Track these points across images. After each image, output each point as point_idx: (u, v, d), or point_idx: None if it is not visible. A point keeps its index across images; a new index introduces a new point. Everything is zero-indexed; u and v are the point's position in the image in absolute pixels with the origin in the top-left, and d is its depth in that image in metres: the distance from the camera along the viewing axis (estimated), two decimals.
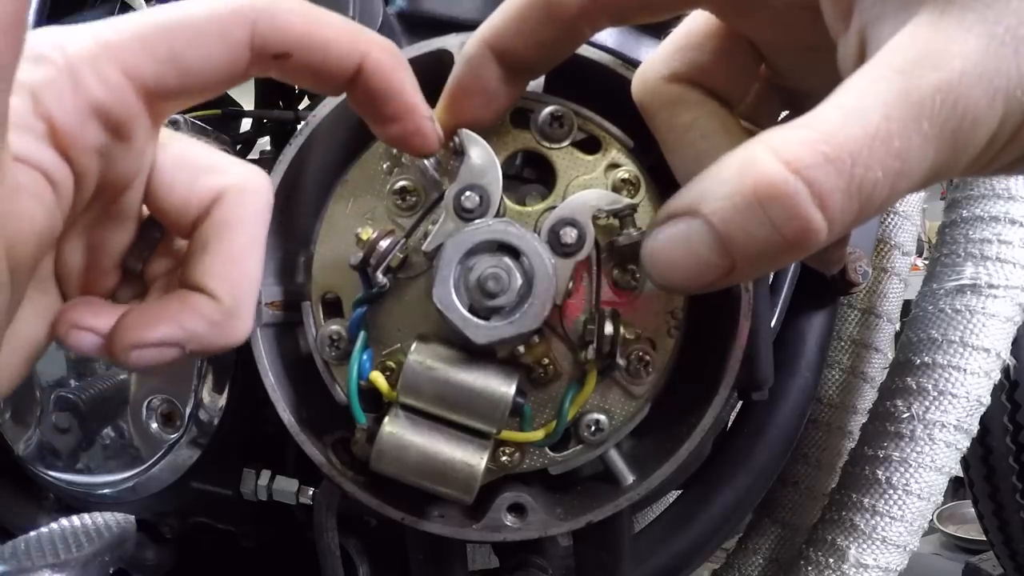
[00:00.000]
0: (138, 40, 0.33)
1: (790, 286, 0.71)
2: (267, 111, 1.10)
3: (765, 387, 0.59)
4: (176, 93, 0.35)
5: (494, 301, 0.45)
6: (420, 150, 0.42)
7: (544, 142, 0.50)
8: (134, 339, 0.36)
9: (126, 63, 0.33)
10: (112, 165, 0.35)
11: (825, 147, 0.29)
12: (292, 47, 0.35)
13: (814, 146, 0.29)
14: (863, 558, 0.67)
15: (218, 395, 0.63)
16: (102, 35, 0.33)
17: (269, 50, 0.35)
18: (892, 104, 0.29)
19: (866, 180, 0.29)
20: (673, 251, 0.34)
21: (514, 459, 0.51)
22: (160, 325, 0.36)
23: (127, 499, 0.66)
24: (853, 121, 0.29)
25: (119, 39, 0.33)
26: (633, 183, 0.50)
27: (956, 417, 0.66)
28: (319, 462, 0.51)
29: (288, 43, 0.35)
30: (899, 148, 0.29)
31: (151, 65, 0.33)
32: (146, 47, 0.33)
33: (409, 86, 0.40)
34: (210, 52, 0.34)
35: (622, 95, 0.51)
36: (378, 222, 0.50)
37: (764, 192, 0.30)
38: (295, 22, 0.35)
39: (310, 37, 0.36)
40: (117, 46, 0.33)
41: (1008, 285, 0.66)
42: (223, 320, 0.37)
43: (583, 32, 0.42)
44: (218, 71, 0.35)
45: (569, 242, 0.46)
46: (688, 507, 0.73)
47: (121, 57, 0.33)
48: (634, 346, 0.50)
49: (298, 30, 0.35)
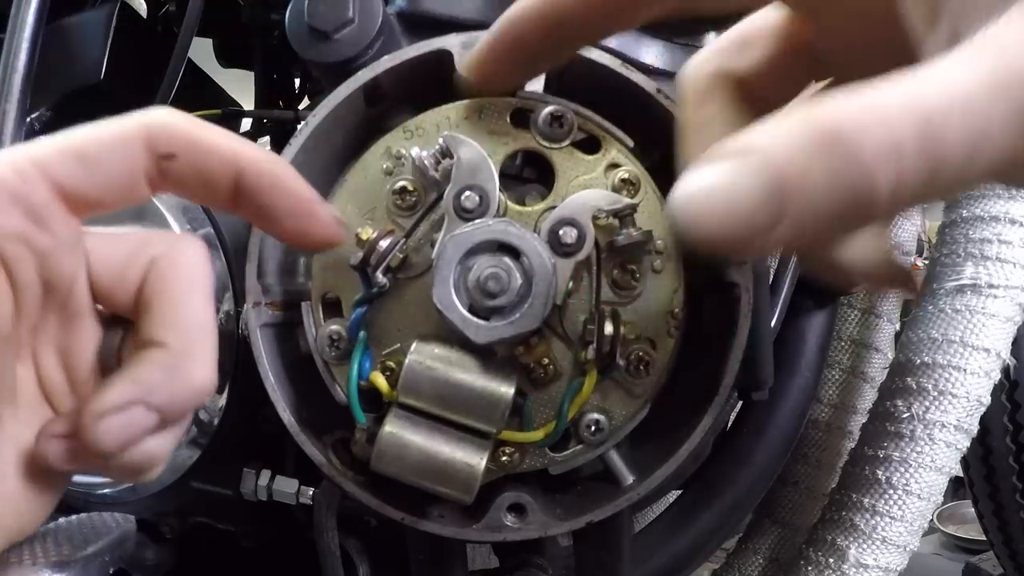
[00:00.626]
0: (47, 141, 0.38)
1: (790, 286, 0.71)
2: (267, 111, 1.10)
3: (765, 387, 0.59)
4: (84, 186, 0.39)
5: (494, 301, 0.45)
6: (323, 238, 0.43)
7: (544, 142, 0.50)
8: (95, 408, 0.37)
9: (35, 156, 0.38)
10: (47, 261, 0.38)
11: (904, 98, 0.27)
12: (179, 148, 0.39)
13: (891, 96, 0.27)
14: (863, 558, 0.67)
15: (218, 395, 0.63)
16: (17, 146, 0.39)
17: (160, 149, 0.39)
18: (976, 80, 0.27)
19: (942, 144, 0.27)
20: (712, 193, 0.29)
21: (514, 459, 0.51)
22: (115, 386, 0.38)
23: (127, 499, 0.66)
24: (934, 85, 0.27)
25: (30, 145, 0.38)
26: (633, 183, 0.50)
27: (956, 417, 0.66)
28: (319, 462, 0.51)
29: (175, 143, 0.39)
30: (978, 122, 0.27)
31: (58, 157, 0.38)
32: (53, 144, 0.38)
33: (295, 178, 0.42)
34: (111, 148, 0.39)
35: (623, 95, 0.51)
36: (378, 222, 0.50)
37: (831, 131, 0.27)
38: (182, 125, 0.40)
39: (195, 138, 0.40)
40: (27, 147, 0.38)
41: (1008, 285, 0.66)
42: (176, 363, 0.38)
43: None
44: (118, 165, 0.39)
45: (569, 242, 0.46)
46: (688, 507, 0.73)
47: (30, 152, 0.38)
48: (634, 346, 0.50)
49: (184, 132, 0.40)
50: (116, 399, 0.37)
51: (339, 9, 0.52)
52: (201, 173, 0.40)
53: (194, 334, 0.39)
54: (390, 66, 0.50)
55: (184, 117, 0.40)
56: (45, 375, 0.41)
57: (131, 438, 0.38)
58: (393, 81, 0.51)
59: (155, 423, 0.38)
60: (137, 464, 0.39)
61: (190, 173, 0.40)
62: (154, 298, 0.40)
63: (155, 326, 0.39)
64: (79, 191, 0.39)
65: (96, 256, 0.41)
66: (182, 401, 0.39)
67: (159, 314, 0.40)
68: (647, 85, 0.50)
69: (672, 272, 0.50)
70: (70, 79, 0.84)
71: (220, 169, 0.40)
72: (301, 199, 0.42)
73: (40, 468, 0.40)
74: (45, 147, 0.38)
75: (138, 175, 0.40)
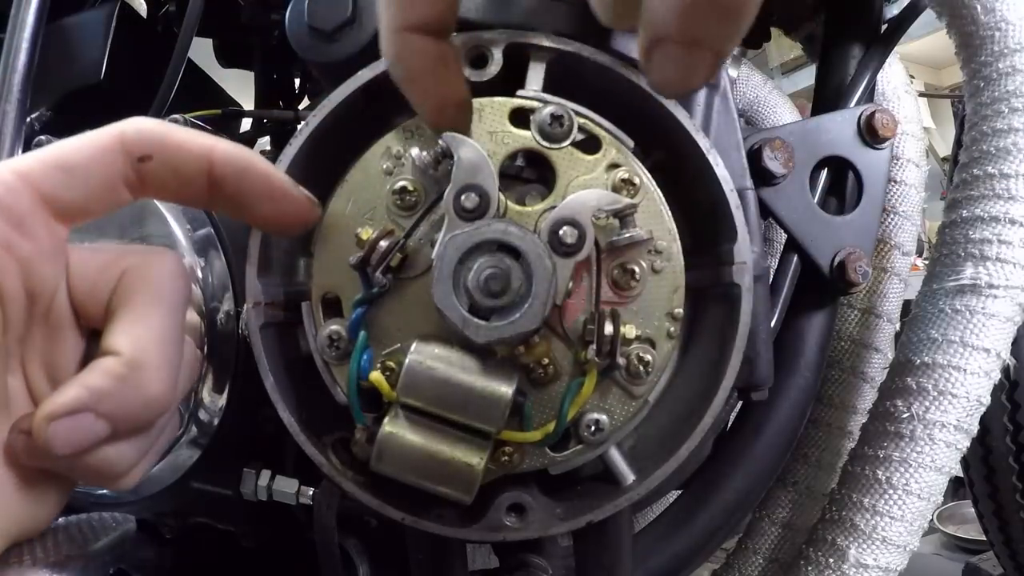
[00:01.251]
0: (30, 154, 0.40)
1: (790, 286, 0.71)
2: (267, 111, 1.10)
3: (765, 387, 0.59)
4: (67, 193, 0.40)
5: (494, 301, 0.45)
6: (299, 218, 0.46)
7: (544, 142, 0.50)
8: (44, 411, 0.38)
9: (17, 167, 0.39)
10: (30, 269, 0.39)
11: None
12: (153, 148, 0.41)
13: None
14: (863, 558, 0.67)
15: (218, 395, 0.63)
16: (1, 161, 0.40)
17: (135, 152, 0.41)
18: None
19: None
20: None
21: (514, 459, 0.51)
22: (66, 391, 0.38)
23: (127, 499, 0.66)
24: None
25: (14, 158, 0.40)
26: (633, 183, 0.50)
27: (956, 417, 0.66)
28: (319, 462, 0.51)
29: (149, 145, 0.41)
30: None
31: (40, 166, 0.40)
32: (35, 156, 0.40)
33: (265, 164, 0.44)
34: (90, 155, 0.41)
35: (624, 95, 0.51)
36: (378, 222, 0.50)
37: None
38: (154, 127, 0.42)
39: (167, 137, 0.42)
40: (10, 160, 0.40)
41: (1008, 285, 0.66)
42: (128, 373, 0.39)
43: None
44: (98, 171, 0.41)
45: (569, 242, 0.46)
46: (688, 507, 0.73)
47: (12, 164, 0.39)
48: (634, 346, 0.50)
49: (156, 133, 0.42)
50: (65, 403, 0.38)
51: (339, 9, 0.52)
52: (176, 170, 0.42)
53: (150, 345, 0.40)
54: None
55: (156, 122, 0.42)
56: (34, 385, 0.42)
57: (81, 443, 0.38)
58: (393, 81, 0.51)
59: (106, 431, 0.39)
60: (96, 469, 0.40)
61: (166, 171, 0.42)
62: (117, 308, 0.41)
63: (113, 335, 0.40)
64: (62, 198, 0.40)
65: (73, 269, 0.42)
66: (133, 411, 0.40)
67: (119, 324, 0.41)
68: (647, 85, 0.50)
69: (672, 272, 0.50)
70: (70, 79, 0.84)
71: (194, 163, 0.42)
72: (273, 182, 0.44)
73: (37, 474, 0.40)
74: (27, 159, 0.40)
75: (117, 180, 0.41)
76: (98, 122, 0.41)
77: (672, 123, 0.51)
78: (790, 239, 0.69)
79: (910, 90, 0.82)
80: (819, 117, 0.71)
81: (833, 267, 0.69)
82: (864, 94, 0.75)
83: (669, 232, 0.50)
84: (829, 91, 0.78)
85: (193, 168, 0.42)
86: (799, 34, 0.89)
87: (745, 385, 0.57)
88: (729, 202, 0.51)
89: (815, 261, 0.69)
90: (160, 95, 0.81)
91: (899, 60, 0.83)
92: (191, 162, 0.42)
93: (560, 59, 0.51)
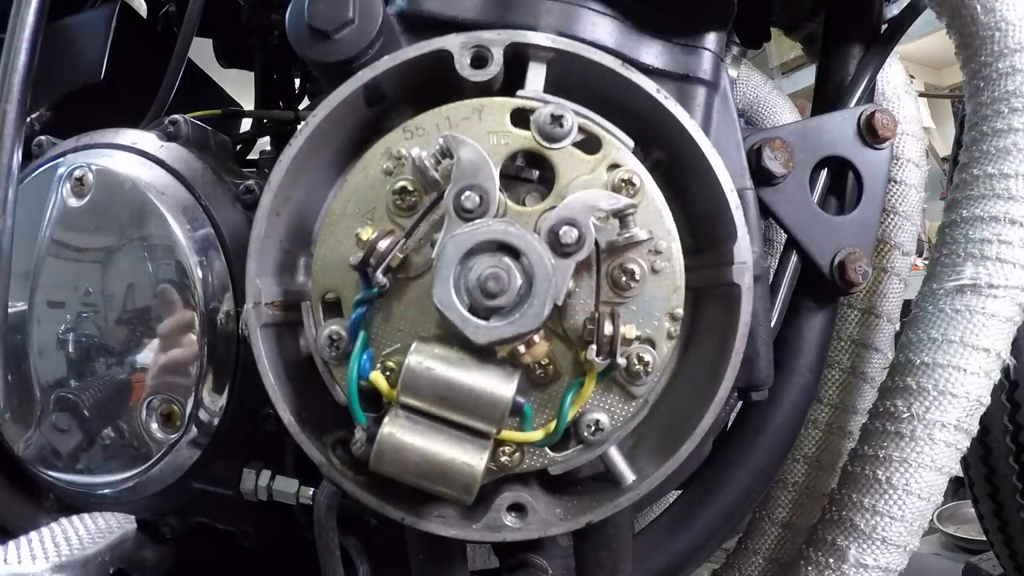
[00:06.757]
0: None
1: (790, 286, 0.71)
2: (267, 111, 1.10)
3: (765, 387, 0.59)
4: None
5: (494, 301, 0.45)
6: None
7: (544, 142, 0.50)
8: None
9: None
10: None
11: None
12: None
13: None
14: (863, 558, 0.67)
15: (218, 395, 0.63)
16: None
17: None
18: None
19: None
20: None
21: (514, 459, 0.51)
22: None
23: (127, 499, 0.66)
24: None
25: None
26: (633, 183, 0.50)
27: (956, 417, 0.66)
28: (319, 462, 0.51)
29: None
30: None
31: None
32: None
33: None
34: None
35: (624, 95, 0.51)
36: (378, 222, 0.50)
37: None
38: None
39: None
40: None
41: (1008, 285, 0.66)
42: None
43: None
44: None
45: (569, 242, 0.46)
46: (688, 507, 0.73)
47: None
48: (634, 346, 0.50)
49: None
50: None
51: (339, 9, 0.52)
52: None
53: None
54: (390, 66, 0.50)
55: None
56: None
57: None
58: (393, 81, 0.51)
59: None
60: None
61: None
62: None
63: None
64: None
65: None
66: None
67: None
68: (647, 85, 0.50)
69: (672, 272, 0.50)
70: (70, 79, 0.84)
71: None
72: None
73: None
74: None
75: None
76: (98, 122, 0.41)
77: (672, 123, 0.51)
78: (790, 239, 0.70)
79: (910, 90, 0.82)
80: (819, 117, 0.72)
81: (833, 267, 0.69)
82: (864, 94, 0.75)
83: (669, 232, 0.50)
84: (829, 91, 0.78)
85: None
86: (799, 34, 0.89)
87: (745, 385, 0.57)
88: (729, 202, 0.51)
89: (815, 261, 0.69)
90: (160, 95, 0.81)
91: (899, 60, 0.83)
92: None
93: (560, 59, 0.51)
